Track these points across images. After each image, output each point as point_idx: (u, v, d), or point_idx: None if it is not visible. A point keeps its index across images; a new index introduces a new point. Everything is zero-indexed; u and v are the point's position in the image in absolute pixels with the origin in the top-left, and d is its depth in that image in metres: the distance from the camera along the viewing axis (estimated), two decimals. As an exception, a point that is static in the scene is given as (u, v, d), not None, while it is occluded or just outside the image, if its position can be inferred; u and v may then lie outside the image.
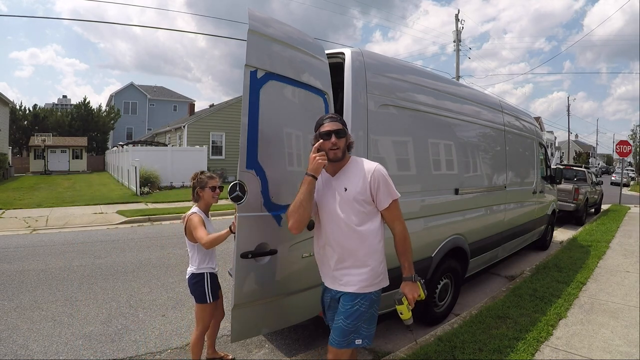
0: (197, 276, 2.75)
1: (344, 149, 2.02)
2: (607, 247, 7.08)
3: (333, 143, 1.97)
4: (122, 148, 20.62)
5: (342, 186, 2.02)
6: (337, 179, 2.06)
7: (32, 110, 36.48)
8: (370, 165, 2.05)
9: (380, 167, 2.04)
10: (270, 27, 2.41)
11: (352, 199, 1.99)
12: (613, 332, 3.48)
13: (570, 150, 51.44)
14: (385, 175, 2.03)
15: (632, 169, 48.07)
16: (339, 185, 2.04)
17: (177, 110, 43.90)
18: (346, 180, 2.04)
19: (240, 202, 2.24)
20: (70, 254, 6.31)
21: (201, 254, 2.76)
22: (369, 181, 1.99)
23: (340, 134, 1.99)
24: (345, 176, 2.05)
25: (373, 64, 3.13)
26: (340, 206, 2.01)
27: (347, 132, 2.05)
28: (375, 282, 2.03)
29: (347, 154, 2.08)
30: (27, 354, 3.18)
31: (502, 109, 5.36)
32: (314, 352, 3.24)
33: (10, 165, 24.95)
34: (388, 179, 2.03)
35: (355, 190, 2.00)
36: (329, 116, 2.04)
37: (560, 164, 16.33)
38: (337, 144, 1.98)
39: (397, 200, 2.04)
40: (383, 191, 2.00)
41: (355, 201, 1.99)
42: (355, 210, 1.99)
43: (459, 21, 20.55)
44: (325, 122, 2.01)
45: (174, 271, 5.41)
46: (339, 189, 2.03)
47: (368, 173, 2.01)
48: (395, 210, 2.04)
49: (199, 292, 2.74)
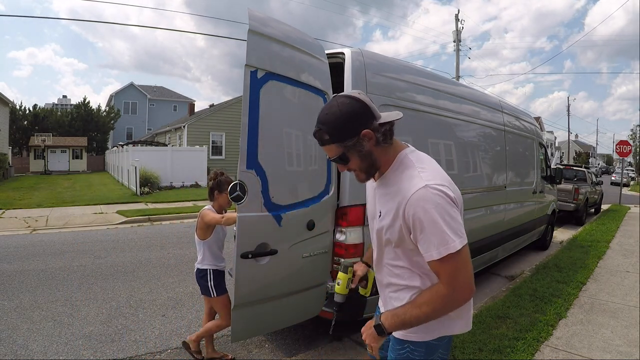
0: (202, 271, 2.89)
1: (365, 163, 1.30)
2: (607, 247, 7.08)
3: (342, 170, 1.38)
4: (122, 148, 20.61)
5: (379, 207, 1.37)
6: (379, 188, 1.38)
7: (32, 110, 36.47)
8: (410, 185, 1.23)
9: (425, 194, 1.18)
10: (270, 27, 2.41)
11: (382, 233, 1.35)
12: (613, 332, 3.48)
13: (570, 150, 51.45)
14: (433, 208, 1.17)
15: (632, 169, 48.08)
16: (379, 200, 1.38)
17: (177, 110, 43.89)
18: (384, 196, 1.34)
19: (241, 202, 2.24)
20: (70, 254, 6.31)
21: (206, 251, 2.86)
22: (401, 215, 1.24)
23: (342, 160, 1.29)
24: (385, 189, 1.34)
25: (373, 64, 3.13)
26: (377, 231, 1.39)
27: (350, 146, 1.25)
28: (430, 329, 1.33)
29: (384, 153, 1.31)
30: (27, 354, 3.18)
31: (502, 108, 5.37)
32: (314, 352, 3.24)
33: (10, 165, 24.95)
34: (435, 216, 1.17)
35: (385, 222, 1.32)
36: (316, 137, 1.29)
37: (560, 164, 16.34)
38: (350, 168, 1.32)
39: (454, 254, 1.17)
40: (424, 238, 1.20)
41: (386, 239, 1.35)
42: (389, 249, 1.37)
43: (459, 21, 20.56)
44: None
45: (174, 271, 5.40)
46: (378, 205, 1.39)
47: (402, 202, 1.23)
48: (446, 267, 1.19)
49: (203, 286, 2.89)
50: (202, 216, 2.80)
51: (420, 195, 1.18)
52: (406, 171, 1.28)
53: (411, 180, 1.23)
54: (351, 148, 1.25)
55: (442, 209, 1.17)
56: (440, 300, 1.21)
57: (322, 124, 1.25)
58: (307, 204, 2.62)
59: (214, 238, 2.86)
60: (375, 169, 1.33)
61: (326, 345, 3.34)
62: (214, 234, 2.85)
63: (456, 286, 1.20)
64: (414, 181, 1.22)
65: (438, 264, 1.19)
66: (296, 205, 2.55)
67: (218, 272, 2.89)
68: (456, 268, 1.19)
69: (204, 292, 2.91)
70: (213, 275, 2.85)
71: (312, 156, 2.69)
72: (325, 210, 2.74)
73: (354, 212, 2.84)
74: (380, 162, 1.32)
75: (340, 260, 1.61)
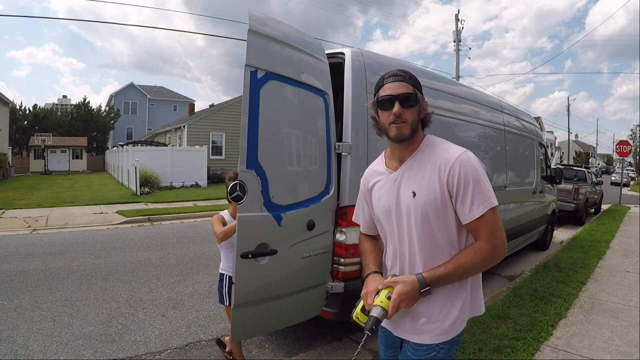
0: (220, 276, 2.88)
1: (415, 123, 1.36)
2: (607, 247, 7.08)
3: (396, 115, 1.33)
4: (122, 148, 20.61)
5: (411, 188, 1.37)
6: (409, 170, 1.40)
7: (32, 110, 36.51)
8: (450, 153, 1.34)
9: (468, 157, 1.33)
10: (270, 27, 2.41)
11: (419, 212, 1.36)
12: (613, 332, 3.48)
13: (570, 150, 51.46)
14: (477, 168, 1.32)
15: (632, 169, 48.09)
16: (409, 182, 1.39)
17: (177, 110, 43.90)
18: (416, 175, 1.37)
19: (241, 202, 2.24)
20: (70, 254, 6.31)
21: (224, 255, 2.86)
22: (445, 181, 1.32)
23: (410, 100, 1.34)
24: (418, 167, 1.38)
25: (373, 64, 3.13)
26: (413, 210, 1.37)
27: (421, 98, 1.39)
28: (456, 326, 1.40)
29: (420, 132, 1.42)
30: (27, 354, 3.18)
31: (502, 109, 5.37)
32: (314, 352, 3.24)
33: (10, 165, 24.95)
34: (479, 175, 1.31)
35: (422, 198, 1.35)
36: (393, 73, 1.38)
37: (560, 164, 16.34)
38: (404, 116, 1.33)
39: (494, 209, 1.32)
40: (468, 196, 1.30)
41: (423, 215, 1.36)
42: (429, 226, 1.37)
43: (459, 21, 20.56)
44: (387, 82, 1.37)
45: (174, 271, 5.40)
46: (408, 188, 1.38)
47: (444, 167, 1.32)
48: (487, 224, 1.31)
49: (219, 292, 2.87)
50: (211, 224, 2.83)
51: (464, 158, 1.31)
52: (439, 146, 1.39)
53: (448, 150, 1.36)
54: (417, 101, 1.37)
55: (482, 170, 1.33)
56: (482, 256, 1.31)
57: (411, 81, 1.38)
58: (307, 204, 2.62)
59: (229, 242, 2.82)
60: (413, 134, 1.37)
61: (326, 345, 3.34)
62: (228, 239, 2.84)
63: (496, 243, 1.32)
64: (452, 149, 1.36)
65: (478, 222, 1.31)
66: (296, 205, 2.55)
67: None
68: (495, 224, 1.32)
69: (219, 300, 2.88)
70: (228, 282, 2.79)
71: (312, 156, 2.69)
72: (325, 210, 2.74)
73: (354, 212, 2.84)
74: (416, 135, 1.40)
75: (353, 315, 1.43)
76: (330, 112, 2.78)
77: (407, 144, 1.40)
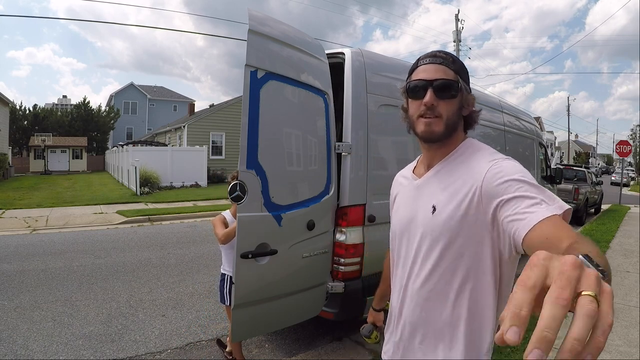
0: (221, 276, 2.89)
1: (453, 120, 1.03)
2: (607, 247, 7.08)
3: (427, 105, 1.01)
4: (122, 148, 20.61)
5: (431, 202, 1.03)
6: (434, 178, 1.07)
7: (32, 110, 36.50)
8: (488, 161, 0.97)
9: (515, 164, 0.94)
10: (270, 27, 2.41)
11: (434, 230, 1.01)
12: (613, 332, 3.48)
13: (570, 150, 51.47)
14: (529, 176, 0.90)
15: (632, 169, 48.09)
16: (430, 194, 1.06)
17: (177, 110, 43.88)
18: (442, 184, 1.03)
19: (241, 202, 2.24)
20: (70, 254, 6.31)
21: (225, 255, 2.87)
22: (477, 190, 0.93)
23: (448, 89, 1.01)
24: (446, 176, 1.04)
25: (373, 64, 3.13)
26: (417, 245, 1.05)
27: (466, 88, 1.05)
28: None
29: (459, 133, 1.08)
30: (27, 354, 3.18)
31: (502, 108, 5.37)
32: (314, 352, 3.24)
33: (10, 165, 24.94)
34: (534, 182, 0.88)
35: (443, 215, 0.99)
36: (432, 54, 1.06)
37: (560, 164, 16.34)
38: (437, 109, 1.01)
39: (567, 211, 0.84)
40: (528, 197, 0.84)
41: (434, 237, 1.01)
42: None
43: (459, 21, 20.55)
44: (422, 64, 1.05)
45: (174, 271, 5.41)
46: (427, 201, 1.05)
47: (479, 175, 0.94)
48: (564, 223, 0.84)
49: (220, 292, 2.88)
50: (213, 226, 2.83)
51: (509, 164, 0.93)
52: (478, 152, 1.04)
53: (489, 157, 0.99)
54: (459, 91, 1.03)
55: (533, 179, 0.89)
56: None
57: (453, 65, 1.05)
58: (307, 204, 2.62)
59: (230, 243, 2.83)
60: (448, 133, 1.04)
61: (326, 345, 3.34)
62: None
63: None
64: (495, 156, 0.99)
65: (554, 222, 0.76)
66: (296, 205, 2.55)
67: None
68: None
69: (220, 299, 2.90)
70: (229, 283, 2.80)
71: (312, 156, 2.69)
72: (325, 210, 2.74)
73: (354, 212, 2.84)
74: (453, 136, 1.06)
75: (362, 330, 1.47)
76: (330, 112, 2.78)
77: (439, 146, 1.07)
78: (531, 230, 0.77)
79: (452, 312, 1.01)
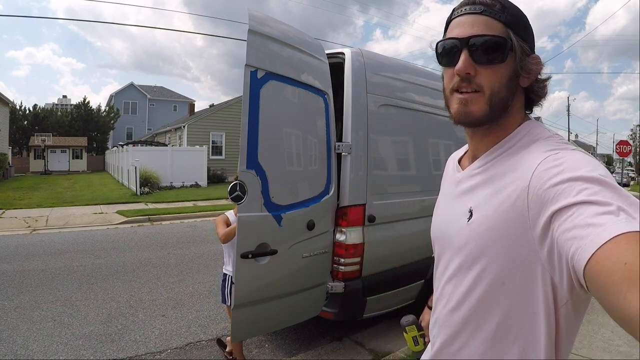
0: (222, 276, 2.91)
1: (500, 94, 0.75)
2: (607, 247, 7.07)
3: (461, 74, 0.76)
4: (122, 148, 20.61)
5: (466, 204, 0.80)
6: (475, 174, 0.82)
7: (32, 110, 36.53)
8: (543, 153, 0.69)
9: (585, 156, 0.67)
10: (270, 27, 2.41)
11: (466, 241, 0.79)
12: (613, 332, 3.48)
13: (570, 150, 51.30)
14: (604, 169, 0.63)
15: (632, 169, 48.10)
16: (465, 194, 0.83)
17: (177, 110, 43.90)
18: (482, 183, 0.79)
19: (241, 202, 2.24)
20: (70, 254, 6.31)
21: (226, 255, 2.89)
22: (525, 191, 0.67)
23: (493, 49, 0.73)
24: (487, 174, 0.79)
25: (373, 64, 3.13)
26: (450, 257, 0.84)
27: (521, 48, 0.75)
28: None
29: (515, 112, 0.80)
30: (27, 354, 3.18)
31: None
32: (314, 352, 3.24)
33: (10, 165, 24.95)
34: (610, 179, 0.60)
35: (476, 223, 0.76)
36: (470, 0, 0.77)
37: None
38: (475, 80, 0.75)
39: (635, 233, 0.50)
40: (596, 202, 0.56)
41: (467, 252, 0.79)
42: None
43: (459, 21, 20.54)
44: (456, 16, 0.79)
45: (174, 271, 5.41)
46: (462, 202, 0.82)
47: (528, 172, 0.68)
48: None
49: (222, 292, 2.90)
50: (215, 225, 2.85)
51: (572, 156, 0.66)
52: (536, 142, 0.74)
53: (546, 147, 0.71)
54: (511, 51, 0.74)
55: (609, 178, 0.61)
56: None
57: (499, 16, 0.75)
58: (307, 204, 2.62)
59: (232, 243, 2.84)
60: (494, 114, 0.76)
61: (326, 345, 3.34)
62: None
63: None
64: (557, 146, 0.71)
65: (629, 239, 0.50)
66: (296, 205, 2.55)
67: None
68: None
69: (221, 300, 2.91)
70: (230, 283, 2.80)
71: (312, 156, 2.69)
72: (325, 210, 2.74)
73: (354, 212, 2.84)
74: (503, 117, 0.78)
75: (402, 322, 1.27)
76: (330, 112, 2.78)
77: (485, 132, 0.81)
78: (599, 250, 0.50)
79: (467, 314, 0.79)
